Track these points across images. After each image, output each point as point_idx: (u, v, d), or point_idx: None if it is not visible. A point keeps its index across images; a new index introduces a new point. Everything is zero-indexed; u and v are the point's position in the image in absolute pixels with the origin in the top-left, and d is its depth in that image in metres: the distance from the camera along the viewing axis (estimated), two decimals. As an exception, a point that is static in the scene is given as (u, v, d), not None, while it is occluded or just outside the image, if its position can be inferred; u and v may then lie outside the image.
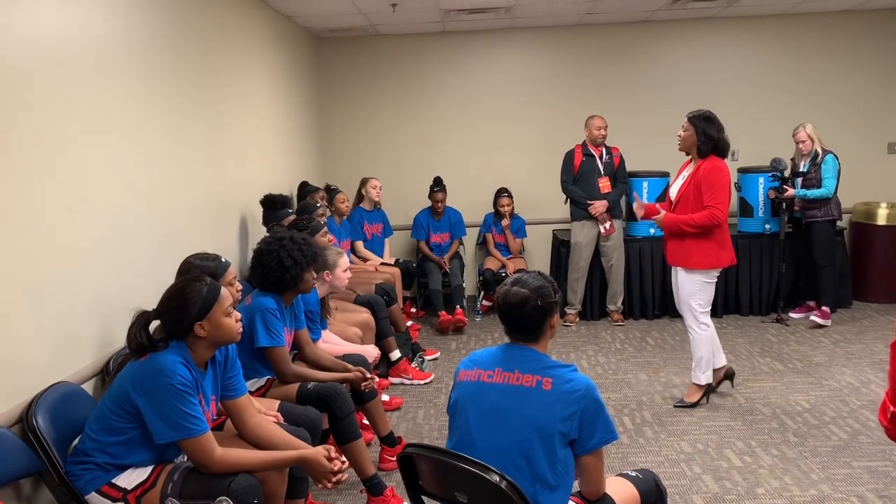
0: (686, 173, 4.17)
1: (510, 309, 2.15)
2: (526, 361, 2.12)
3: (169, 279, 2.90)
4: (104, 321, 2.91)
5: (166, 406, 2.22)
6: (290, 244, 3.31)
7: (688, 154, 4.20)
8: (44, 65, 2.58)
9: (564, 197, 6.24)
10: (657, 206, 4.33)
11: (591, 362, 5.26)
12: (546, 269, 6.93)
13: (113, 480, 2.28)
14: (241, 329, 2.47)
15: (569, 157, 6.20)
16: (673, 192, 4.25)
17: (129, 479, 2.29)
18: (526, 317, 2.13)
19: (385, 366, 4.90)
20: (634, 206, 4.47)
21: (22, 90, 2.45)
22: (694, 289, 4.16)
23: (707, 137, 4.02)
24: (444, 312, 6.22)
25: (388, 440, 3.69)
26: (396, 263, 6.41)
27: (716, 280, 4.20)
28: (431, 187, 6.63)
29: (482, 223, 6.93)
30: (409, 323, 5.98)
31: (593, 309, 6.42)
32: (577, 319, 6.36)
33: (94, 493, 2.27)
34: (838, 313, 6.22)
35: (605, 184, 6.07)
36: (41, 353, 2.50)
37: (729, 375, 4.46)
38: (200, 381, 2.37)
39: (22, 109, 2.44)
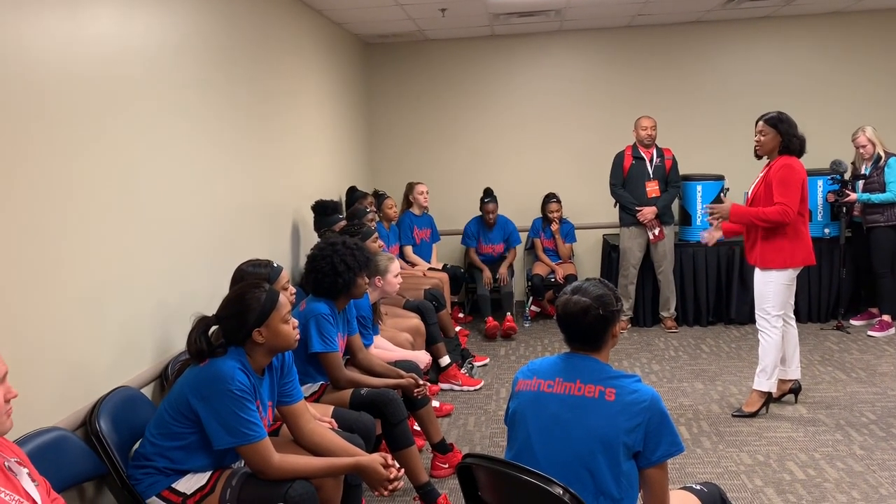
0: (761, 174, 4.11)
1: (570, 318, 2.09)
2: (587, 371, 2.06)
3: (224, 284, 2.93)
4: (163, 326, 2.95)
5: (225, 412, 2.23)
6: (343, 249, 3.32)
7: (760, 158, 4.15)
8: (102, 75, 2.62)
9: (614, 201, 6.15)
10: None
11: (645, 370, 5.16)
12: (596, 275, 6.84)
13: (173, 485, 2.30)
14: (298, 336, 2.47)
15: (618, 159, 6.10)
16: (749, 192, 4.20)
17: (189, 483, 2.31)
18: (587, 326, 2.07)
19: (435, 371, 4.88)
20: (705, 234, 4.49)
21: (80, 99, 2.49)
22: (767, 290, 4.07)
23: (793, 137, 3.97)
24: (491, 318, 6.20)
25: (440, 447, 3.66)
26: (444, 269, 6.40)
27: (793, 283, 4.10)
28: (482, 199, 6.56)
29: (530, 228, 6.87)
30: (458, 328, 5.96)
31: (646, 315, 6.31)
32: (629, 326, 6.26)
33: (154, 498, 2.30)
34: (903, 321, 5.99)
35: (652, 188, 5.95)
36: (103, 357, 2.55)
37: (794, 390, 4.33)
38: (258, 387, 2.37)
39: (80, 119, 2.49)
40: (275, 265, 2.99)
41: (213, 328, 2.41)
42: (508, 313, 6.24)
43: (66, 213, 2.37)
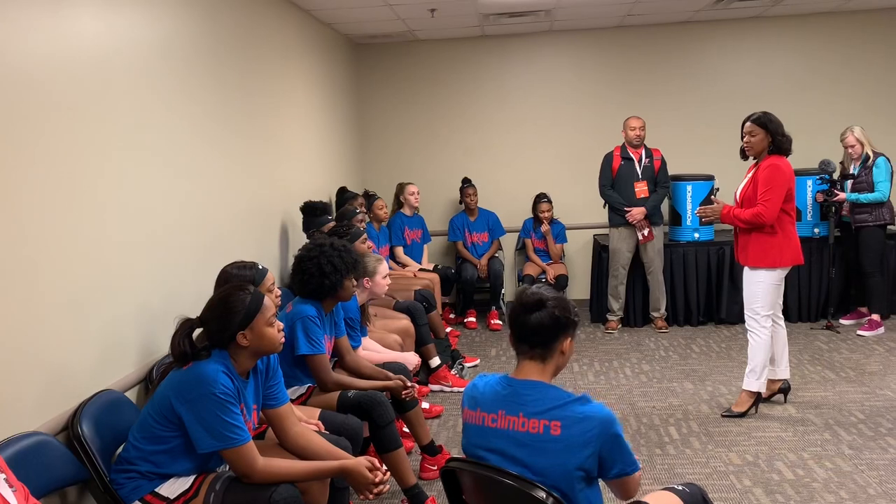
0: (751, 174, 4.12)
1: (524, 308, 1.97)
2: (530, 401, 1.94)
3: (210, 286, 2.91)
4: (147, 329, 2.93)
5: (208, 415, 2.22)
6: (330, 251, 3.30)
7: (745, 159, 4.17)
8: (87, 74, 2.60)
9: (603, 201, 6.14)
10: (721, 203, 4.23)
11: (635, 370, 5.16)
12: (587, 275, 6.85)
13: (156, 489, 2.28)
14: (283, 339, 2.45)
15: (607, 160, 6.10)
16: (738, 193, 4.18)
17: (172, 488, 2.29)
18: (538, 323, 1.95)
19: (425, 373, 4.87)
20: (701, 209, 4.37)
21: (63, 99, 2.47)
22: (756, 290, 4.07)
23: (782, 136, 3.97)
24: (472, 311, 6.56)
25: (429, 449, 3.64)
26: (435, 269, 6.39)
27: (782, 283, 4.10)
28: (461, 187, 6.76)
29: (521, 228, 6.87)
30: (449, 329, 5.95)
31: (636, 315, 6.31)
32: (619, 326, 6.26)
33: (137, 502, 2.27)
34: (892, 320, 6.01)
35: (641, 188, 5.95)
36: (86, 361, 2.52)
37: (784, 390, 4.34)
38: (242, 391, 2.36)
39: (63, 118, 2.47)
40: (259, 267, 2.97)
41: (198, 331, 2.39)
42: (494, 307, 6.34)
43: (48, 214, 2.34)
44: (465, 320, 6.53)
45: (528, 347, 2.00)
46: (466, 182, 6.75)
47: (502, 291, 6.64)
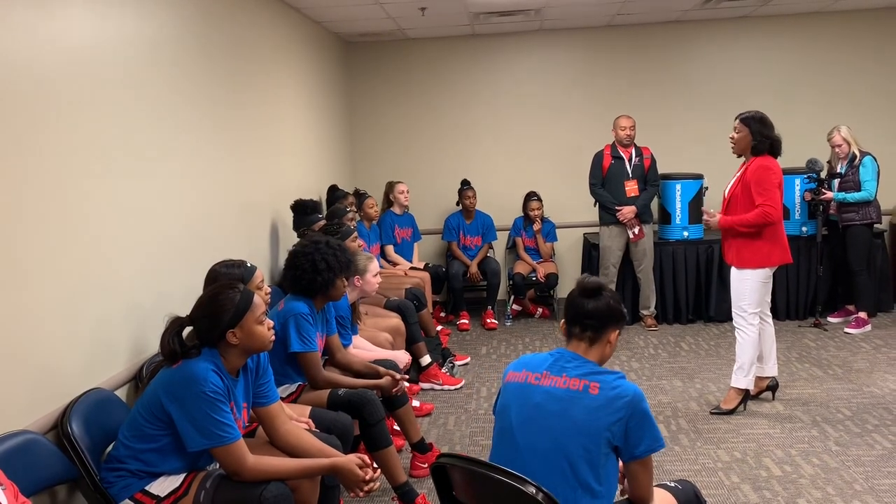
0: (739, 173, 4.14)
1: (584, 292, 2.13)
2: (574, 366, 2.09)
3: (201, 285, 2.90)
4: (138, 327, 2.93)
5: (198, 414, 2.22)
6: (325, 249, 3.31)
7: (740, 156, 4.19)
8: (77, 73, 2.59)
9: (594, 200, 6.17)
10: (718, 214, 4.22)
11: (625, 368, 5.18)
12: (577, 274, 6.86)
13: (146, 488, 2.28)
14: (273, 337, 2.45)
15: (597, 158, 6.12)
16: (726, 191, 4.21)
17: (162, 486, 2.29)
18: (594, 308, 2.10)
19: (415, 371, 4.87)
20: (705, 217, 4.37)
21: (54, 98, 2.46)
22: (744, 288, 4.10)
23: (764, 137, 4.00)
24: (465, 312, 6.52)
25: (420, 447, 3.65)
26: (426, 268, 6.40)
27: (769, 281, 4.13)
28: (460, 189, 6.71)
29: (512, 227, 6.88)
30: (439, 327, 5.96)
31: (626, 313, 6.31)
32: (609, 324, 6.27)
33: (127, 501, 2.27)
34: (879, 317, 6.07)
35: (631, 187, 5.98)
36: (76, 359, 2.52)
37: (772, 387, 4.37)
38: (232, 389, 2.35)
39: (53, 117, 2.46)
40: (248, 265, 2.97)
41: (188, 329, 2.39)
42: (490, 307, 6.36)
43: (37, 212, 2.34)
44: (458, 322, 6.49)
45: (580, 330, 2.14)
46: (465, 184, 6.72)
47: (496, 292, 6.65)
